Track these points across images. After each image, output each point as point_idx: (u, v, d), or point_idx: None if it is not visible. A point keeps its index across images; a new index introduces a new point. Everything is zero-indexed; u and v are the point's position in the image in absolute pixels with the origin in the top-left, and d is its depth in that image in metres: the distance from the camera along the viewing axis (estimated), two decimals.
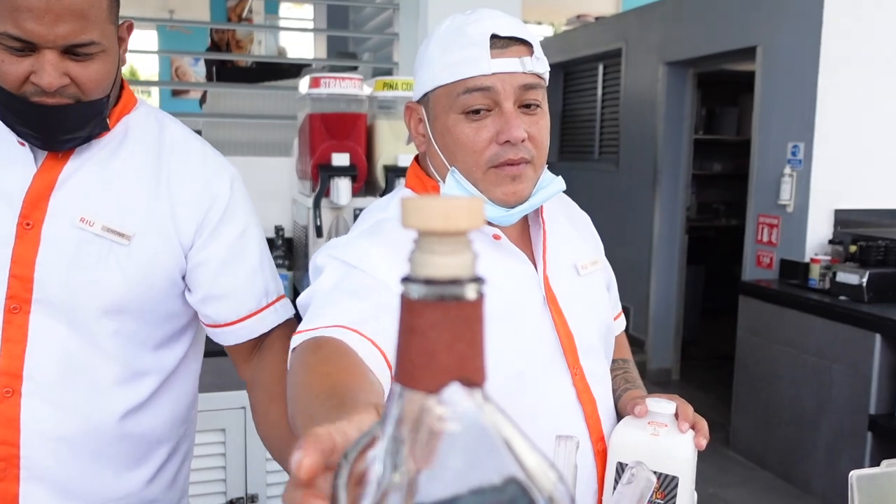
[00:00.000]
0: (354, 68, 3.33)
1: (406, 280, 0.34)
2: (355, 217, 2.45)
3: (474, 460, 0.35)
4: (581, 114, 6.57)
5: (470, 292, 0.34)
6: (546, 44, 7.19)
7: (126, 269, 1.08)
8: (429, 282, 0.34)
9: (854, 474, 0.74)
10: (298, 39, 6.48)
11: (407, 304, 0.34)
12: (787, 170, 3.89)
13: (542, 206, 1.09)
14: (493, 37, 0.97)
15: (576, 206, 1.25)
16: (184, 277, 1.16)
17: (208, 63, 5.12)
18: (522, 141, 0.98)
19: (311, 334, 0.85)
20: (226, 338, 1.20)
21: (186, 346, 1.21)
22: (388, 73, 3.12)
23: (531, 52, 1.00)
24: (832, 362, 3.34)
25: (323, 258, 0.99)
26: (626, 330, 1.34)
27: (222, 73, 4.56)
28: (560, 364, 1.04)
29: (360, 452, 0.37)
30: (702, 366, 5.43)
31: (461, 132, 0.99)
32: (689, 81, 5.16)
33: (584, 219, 1.25)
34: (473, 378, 0.35)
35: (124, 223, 1.09)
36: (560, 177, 1.09)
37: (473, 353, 0.34)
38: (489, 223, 1.03)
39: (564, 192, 1.13)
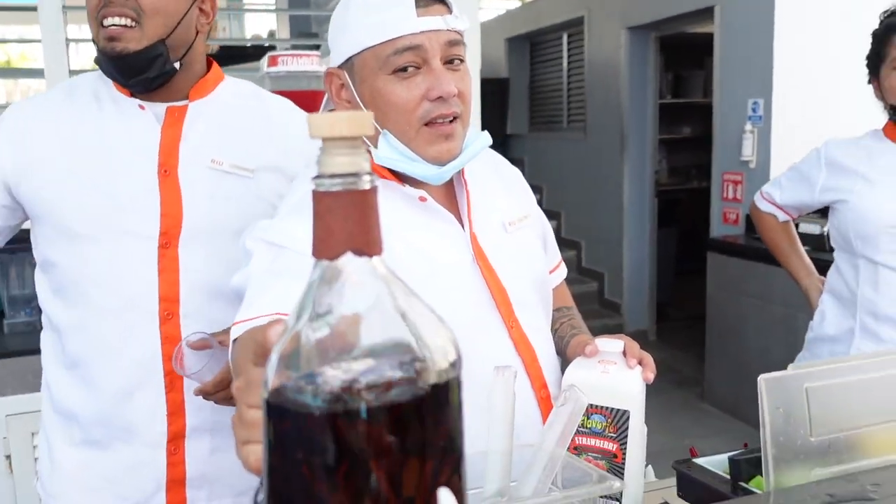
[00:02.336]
0: (316, 47, 3.33)
1: (315, 178, 0.43)
2: None
3: (366, 316, 0.43)
4: (548, 84, 6.59)
5: (362, 183, 0.43)
6: (511, 15, 7.20)
7: (256, 197, 1.28)
8: (329, 176, 0.43)
9: (762, 378, 0.79)
10: (263, 23, 6.43)
11: (315, 197, 0.43)
12: (749, 126, 3.96)
13: (462, 167, 1.12)
14: None
15: (505, 161, 1.27)
16: None
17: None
18: (454, 95, 1.00)
19: (251, 324, 0.85)
20: None
21: None
22: None
23: (450, 12, 1.02)
24: (797, 311, 3.43)
25: (252, 241, 1.00)
26: (602, 294, 1.37)
27: None
28: (494, 318, 1.07)
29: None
30: (677, 326, 5.52)
31: (392, 92, 1.00)
32: (651, 45, 5.21)
33: (515, 174, 1.27)
34: (366, 249, 0.43)
35: (247, 160, 1.28)
36: (486, 132, 1.11)
37: (364, 229, 0.43)
38: (420, 184, 1.05)
39: (492, 147, 1.15)
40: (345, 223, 0.43)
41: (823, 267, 2.13)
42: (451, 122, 1.02)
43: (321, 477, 0.41)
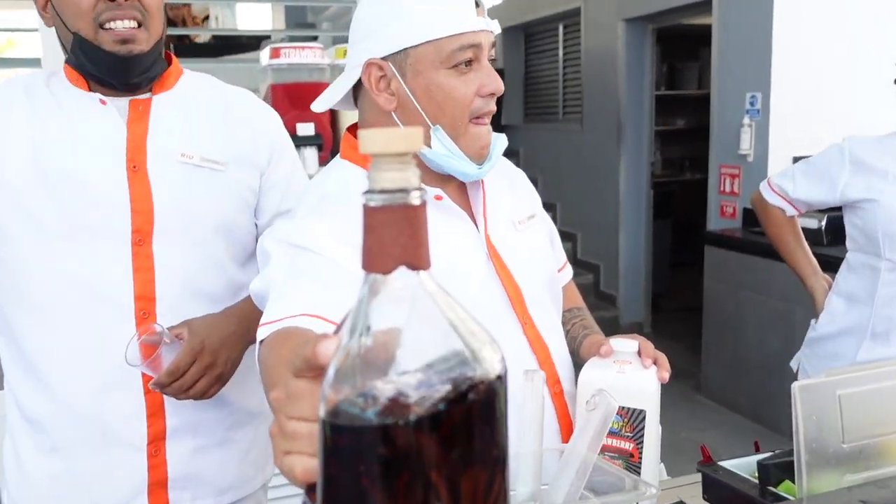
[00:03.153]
0: (314, 38, 3.31)
1: (366, 192, 0.44)
2: None
3: (422, 329, 0.44)
4: (543, 75, 6.58)
5: (412, 199, 0.43)
6: (507, 5, 7.17)
7: (228, 190, 1.27)
8: (379, 191, 0.43)
9: (796, 385, 0.79)
10: (257, 12, 6.38)
11: (366, 211, 0.44)
12: (746, 120, 3.97)
13: None
14: None
15: (510, 163, 1.29)
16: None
17: (166, 40, 5.03)
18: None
19: (278, 325, 0.86)
20: None
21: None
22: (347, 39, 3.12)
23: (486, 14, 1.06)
24: (795, 305, 3.45)
25: (270, 242, 1.00)
26: (597, 286, 1.39)
27: (180, 49, 4.49)
28: (509, 315, 1.08)
29: (337, 330, 0.47)
30: (672, 318, 5.55)
31: (454, 87, 1.02)
32: (648, 37, 5.20)
33: (520, 175, 1.29)
34: (416, 263, 0.44)
35: (216, 153, 1.26)
36: (502, 134, 1.14)
37: (415, 244, 0.44)
38: (436, 182, 1.07)
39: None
40: (397, 238, 0.43)
41: (820, 260, 2.15)
42: (488, 121, 1.06)
43: (381, 489, 0.41)
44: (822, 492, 0.76)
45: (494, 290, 1.08)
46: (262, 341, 0.87)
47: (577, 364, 1.17)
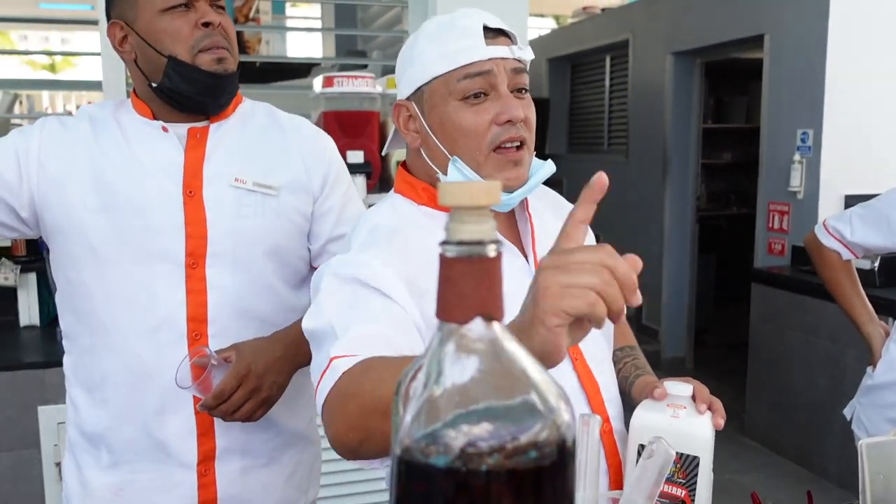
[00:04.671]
0: (364, 66, 3.36)
1: (443, 243, 0.44)
2: None
3: (495, 378, 0.44)
4: (589, 106, 6.58)
5: (489, 251, 0.44)
6: (553, 36, 7.22)
7: (279, 215, 1.30)
8: (459, 243, 0.44)
9: (863, 443, 0.77)
10: (306, 39, 6.52)
11: (444, 261, 0.45)
12: (797, 157, 3.91)
13: (527, 200, 1.13)
14: (484, 28, 1.03)
15: (560, 197, 1.28)
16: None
17: None
18: (522, 120, 1.03)
19: (354, 360, 0.86)
20: None
21: None
22: None
23: (515, 43, 1.06)
24: (845, 347, 3.36)
25: (328, 278, 0.99)
26: (640, 319, 1.37)
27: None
28: None
29: (412, 377, 0.46)
30: (715, 354, 5.44)
31: (463, 117, 1.02)
32: (696, 71, 5.17)
33: (568, 208, 1.28)
34: (493, 314, 0.45)
35: (269, 178, 1.30)
36: (550, 160, 1.12)
37: (493, 296, 0.45)
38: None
39: (565, 182, 1.18)
40: (475, 290, 0.44)
41: (872, 302, 2.10)
42: (518, 148, 1.04)
43: None
44: None
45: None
46: (343, 373, 0.85)
47: (627, 404, 1.15)
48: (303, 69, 4.07)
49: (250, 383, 1.21)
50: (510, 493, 0.42)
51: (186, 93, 1.25)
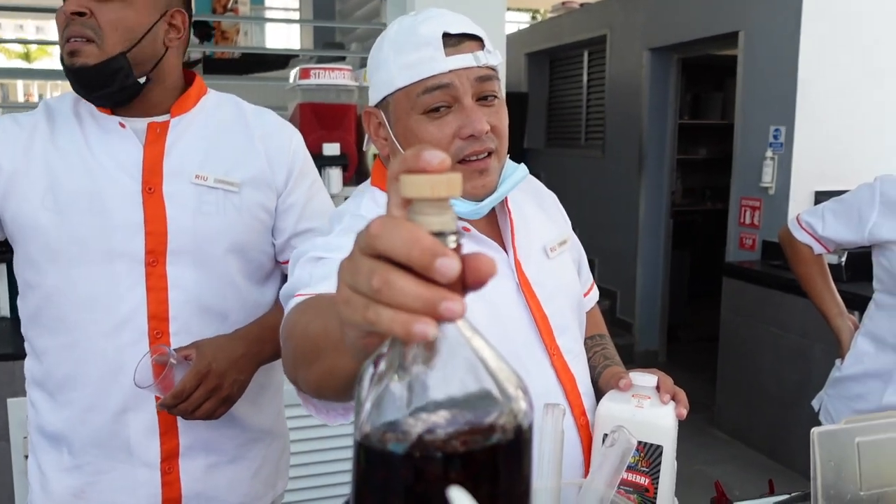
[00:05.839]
0: (342, 59, 3.36)
1: None
2: None
3: (454, 368, 0.45)
4: (567, 100, 6.61)
5: (448, 243, 0.44)
6: (532, 31, 7.24)
7: (241, 211, 1.28)
8: None
9: (815, 431, 0.80)
10: (285, 30, 6.48)
11: None
12: (769, 153, 3.97)
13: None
14: (445, 35, 0.99)
15: (542, 185, 1.27)
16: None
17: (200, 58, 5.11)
18: (486, 132, 1.00)
19: (302, 298, 0.85)
20: None
21: (278, 282, 1.39)
22: None
23: (482, 47, 1.02)
24: (814, 341, 3.43)
25: (300, 256, 0.98)
26: (614, 313, 1.38)
27: (209, 64, 4.56)
28: (538, 346, 1.08)
29: (374, 365, 0.47)
30: (688, 348, 5.52)
31: (424, 131, 1.00)
32: (673, 67, 5.22)
33: (551, 198, 1.28)
34: None
35: (231, 174, 1.28)
36: (523, 164, 1.11)
37: (453, 287, 0.45)
38: (459, 218, 1.05)
39: (537, 175, 1.16)
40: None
41: (840, 297, 2.15)
42: (485, 157, 1.02)
43: None
44: None
45: (524, 319, 1.08)
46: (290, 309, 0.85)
47: (595, 394, 1.17)
48: (281, 61, 4.05)
49: (210, 382, 1.21)
50: (467, 479, 0.44)
51: (77, 92, 1.23)
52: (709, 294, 5.15)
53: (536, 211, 1.20)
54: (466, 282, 0.45)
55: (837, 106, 3.87)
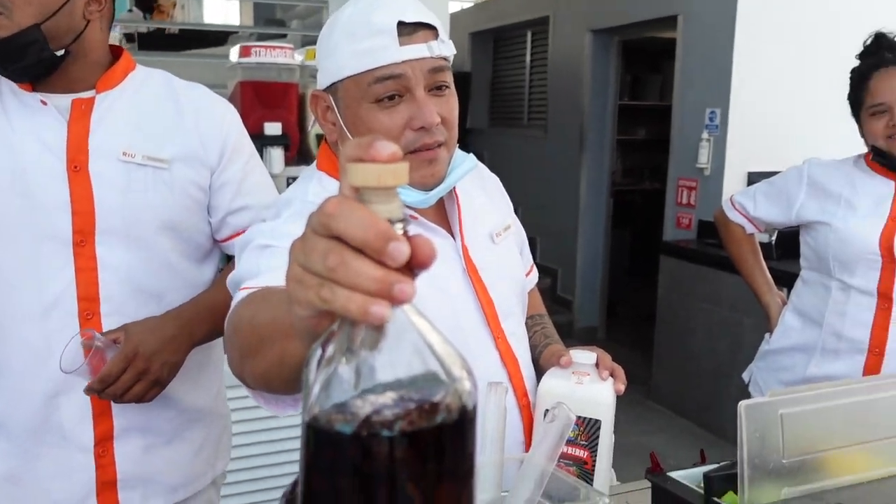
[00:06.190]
0: (283, 36, 3.31)
1: None
2: (288, 186, 2.48)
3: (400, 351, 0.47)
4: (510, 80, 6.65)
5: (397, 230, 0.45)
6: (475, 10, 7.22)
7: (173, 189, 1.26)
8: None
9: (742, 404, 0.85)
10: (223, 5, 6.32)
11: None
12: (705, 134, 4.08)
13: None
14: (400, 24, 0.97)
15: (485, 169, 1.28)
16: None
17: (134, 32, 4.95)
18: (437, 125, 1.00)
19: (247, 291, 0.84)
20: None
21: (217, 261, 1.38)
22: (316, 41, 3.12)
23: (436, 36, 1.01)
24: (744, 316, 3.57)
25: (247, 243, 0.97)
26: (554, 290, 1.42)
27: (144, 39, 4.43)
28: (484, 330, 1.11)
29: (325, 343, 0.48)
30: (627, 325, 5.66)
31: (375, 120, 0.99)
32: (613, 49, 5.30)
33: (494, 181, 1.29)
34: None
35: (161, 151, 1.25)
36: (472, 154, 1.12)
37: (401, 271, 0.46)
38: (407, 206, 1.06)
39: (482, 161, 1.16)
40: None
41: (771, 276, 2.25)
42: (435, 147, 1.03)
43: (360, 500, 0.45)
44: (762, 503, 0.81)
45: (471, 303, 1.10)
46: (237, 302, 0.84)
47: (536, 372, 1.21)
48: (219, 37, 3.96)
49: (138, 365, 1.19)
50: (414, 458, 0.45)
51: None
52: (647, 272, 5.29)
53: (481, 196, 1.21)
54: (410, 265, 0.47)
55: (770, 90, 3.99)
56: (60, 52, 1.19)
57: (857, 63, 1.85)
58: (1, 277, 1.19)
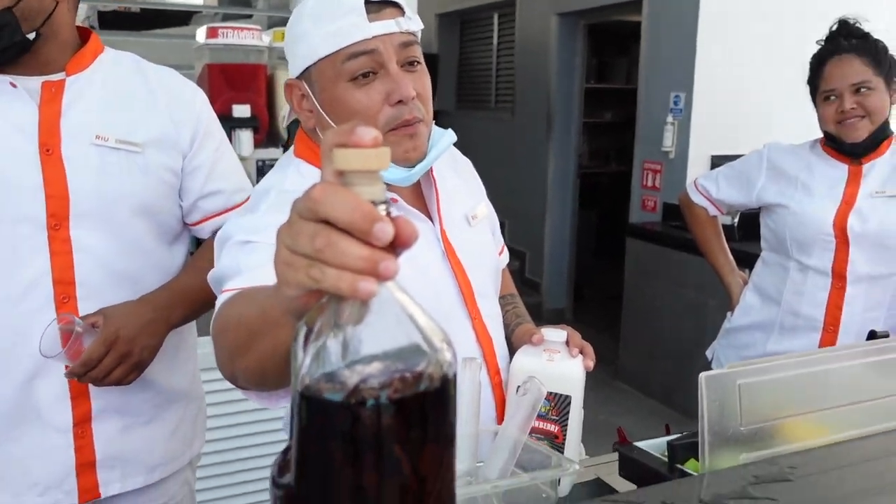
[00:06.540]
0: (248, 17, 3.27)
1: None
2: (258, 169, 2.47)
3: (385, 325, 0.50)
4: (477, 63, 6.65)
5: (380, 211, 0.48)
6: None
7: (146, 172, 1.26)
8: None
9: (702, 375, 0.89)
10: None
11: None
12: (670, 118, 4.14)
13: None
14: (367, 2, 0.99)
15: (458, 152, 1.30)
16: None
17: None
18: (413, 98, 1.02)
19: (232, 293, 0.84)
20: (207, 230, 1.39)
21: (187, 244, 1.39)
22: (284, 22, 3.09)
23: (403, 13, 1.03)
24: (708, 297, 3.65)
25: (227, 238, 0.97)
26: (523, 273, 1.44)
27: (105, 19, 4.34)
28: (460, 309, 1.13)
29: (310, 320, 0.50)
30: (594, 306, 5.74)
31: (352, 98, 1.00)
32: (580, 32, 5.34)
33: (466, 164, 1.31)
34: None
35: (133, 135, 1.25)
36: (450, 129, 1.13)
37: (386, 250, 0.48)
38: (388, 187, 1.07)
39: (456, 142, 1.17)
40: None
41: (733, 257, 2.32)
42: (415, 122, 1.04)
43: (351, 463, 0.47)
44: (722, 468, 0.86)
45: (449, 285, 1.12)
46: (223, 302, 0.84)
47: (510, 350, 1.24)
48: (181, 16, 3.90)
49: (120, 348, 1.20)
50: (400, 423, 0.48)
51: None
52: (613, 253, 5.37)
53: (456, 179, 1.23)
54: (393, 245, 0.49)
55: (734, 75, 4.06)
56: (31, 35, 1.18)
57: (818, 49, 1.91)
58: None
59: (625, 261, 4.31)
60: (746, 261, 3.30)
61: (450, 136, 1.12)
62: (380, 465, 0.48)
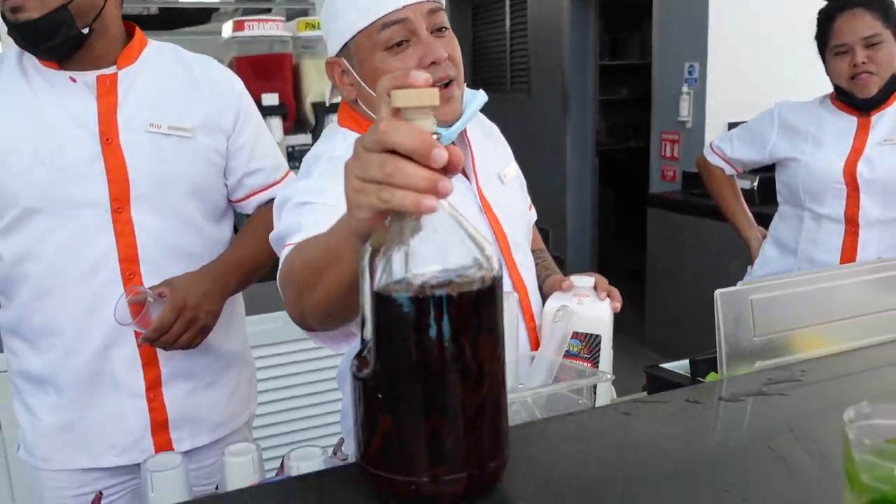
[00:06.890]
0: (268, 10, 3.36)
1: None
2: (289, 155, 2.57)
3: (442, 238, 0.59)
4: (491, 46, 6.70)
5: None
6: None
7: (196, 155, 1.37)
8: None
9: (718, 292, 0.98)
10: None
11: None
12: (685, 88, 4.19)
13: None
14: None
15: (485, 118, 1.39)
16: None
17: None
18: (445, 59, 1.10)
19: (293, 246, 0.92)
20: (252, 206, 1.51)
21: (231, 219, 1.49)
22: (304, 13, 3.19)
23: None
24: (729, 260, 3.71)
25: (286, 201, 1.05)
26: (547, 249, 1.52)
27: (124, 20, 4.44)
28: None
29: (378, 239, 0.59)
30: (617, 279, 5.74)
31: (389, 66, 1.08)
32: (592, 10, 5.37)
33: (493, 128, 1.41)
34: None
35: (183, 121, 1.36)
36: (481, 91, 1.21)
37: (439, 174, 0.57)
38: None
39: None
40: None
41: (754, 219, 2.40)
42: (446, 85, 1.12)
43: (423, 348, 0.57)
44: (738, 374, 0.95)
45: (488, 238, 1.21)
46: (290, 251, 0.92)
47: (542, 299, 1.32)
48: (201, 15, 3.99)
49: (187, 314, 1.31)
50: (457, 315, 0.58)
51: (22, 46, 1.27)
52: (633, 229, 5.42)
53: (487, 143, 1.32)
54: (444, 169, 0.59)
55: (747, 41, 4.09)
56: (86, 31, 1.28)
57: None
58: (41, 246, 1.29)
59: (646, 231, 4.37)
60: (766, 222, 3.35)
61: (481, 96, 1.20)
62: (443, 351, 0.58)
